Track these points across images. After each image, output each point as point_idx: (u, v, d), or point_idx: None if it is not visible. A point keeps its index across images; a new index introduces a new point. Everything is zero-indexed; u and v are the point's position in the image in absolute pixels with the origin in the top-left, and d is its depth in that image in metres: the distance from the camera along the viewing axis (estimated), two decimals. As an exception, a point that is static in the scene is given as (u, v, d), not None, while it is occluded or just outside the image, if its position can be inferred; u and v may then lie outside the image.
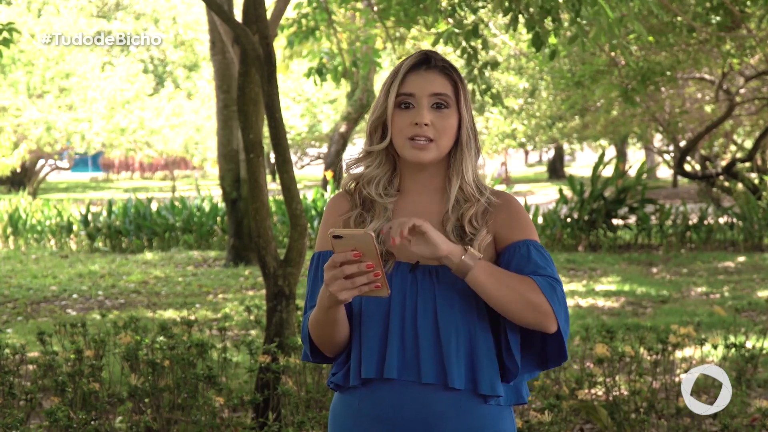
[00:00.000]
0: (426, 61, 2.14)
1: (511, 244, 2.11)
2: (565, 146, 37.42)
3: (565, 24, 6.23)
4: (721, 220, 14.92)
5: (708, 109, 18.58)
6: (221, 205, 15.06)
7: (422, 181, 2.16)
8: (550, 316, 2.02)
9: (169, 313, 8.80)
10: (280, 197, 14.80)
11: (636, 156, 42.32)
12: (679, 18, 9.40)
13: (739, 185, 17.77)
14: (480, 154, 2.19)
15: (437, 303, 2.07)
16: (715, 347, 4.98)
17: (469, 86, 6.95)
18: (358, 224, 2.15)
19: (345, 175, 2.22)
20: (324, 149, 34.62)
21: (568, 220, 14.38)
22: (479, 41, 6.77)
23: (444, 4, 6.75)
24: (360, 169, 2.20)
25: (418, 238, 2.00)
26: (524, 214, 2.16)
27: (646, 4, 5.47)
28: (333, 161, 21.08)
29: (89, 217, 15.59)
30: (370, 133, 2.18)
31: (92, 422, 4.07)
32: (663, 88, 15.04)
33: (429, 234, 1.99)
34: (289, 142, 28.49)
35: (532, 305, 2.01)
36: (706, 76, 15.87)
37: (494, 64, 7.17)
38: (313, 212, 14.90)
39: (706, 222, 14.37)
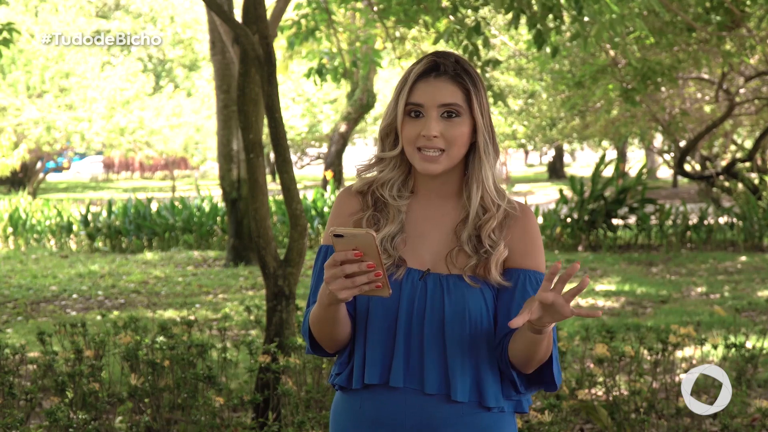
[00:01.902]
0: (435, 68, 2.08)
1: (521, 270, 2.09)
2: (565, 146, 37.42)
3: (567, 22, 6.23)
4: (721, 220, 14.91)
5: (708, 109, 18.58)
6: (221, 205, 15.06)
7: (436, 185, 2.13)
8: (534, 367, 2.06)
9: (169, 313, 8.80)
10: (280, 197, 14.79)
11: (636, 156, 42.32)
12: (679, 18, 9.40)
13: (739, 185, 17.77)
14: (499, 156, 2.14)
15: (446, 312, 2.05)
16: (715, 347, 4.98)
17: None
18: (370, 226, 2.12)
19: (357, 179, 2.19)
20: (324, 149, 34.63)
21: (568, 220, 14.38)
22: (480, 40, 6.77)
23: (445, 2, 6.76)
24: (372, 173, 2.17)
25: (549, 309, 1.91)
26: (538, 236, 2.13)
27: (647, 2, 5.47)
28: (333, 161, 21.10)
29: (89, 217, 15.59)
30: (381, 139, 2.14)
31: (92, 422, 4.07)
32: (663, 88, 15.04)
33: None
34: (289, 142, 28.50)
35: (542, 361, 2.05)
36: (706, 76, 15.87)
37: (495, 63, 7.17)
38: (313, 212, 14.90)
39: (706, 222, 14.36)
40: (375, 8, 8.04)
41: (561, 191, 15.18)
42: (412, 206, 2.14)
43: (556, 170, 39.22)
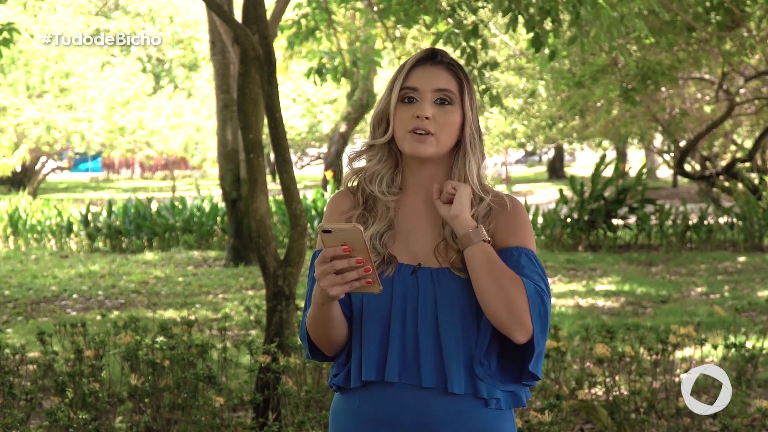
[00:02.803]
0: (432, 56, 2.14)
1: (506, 248, 2.09)
2: (565, 146, 37.40)
3: (565, 24, 6.22)
4: (721, 220, 14.91)
5: (708, 109, 18.58)
6: (221, 205, 15.06)
7: (424, 179, 2.15)
8: (524, 326, 1.99)
9: (169, 313, 8.80)
10: (280, 197, 14.79)
11: (636, 156, 42.31)
12: (679, 17, 9.39)
13: (739, 185, 17.76)
14: (485, 158, 2.17)
15: (438, 306, 2.06)
16: (715, 347, 4.98)
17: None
18: (359, 223, 2.13)
19: (347, 169, 2.21)
20: (324, 149, 34.64)
21: (568, 220, 14.38)
22: (479, 42, 6.77)
23: (444, 4, 6.75)
24: (362, 164, 2.19)
25: (446, 197, 2.08)
26: (525, 220, 2.14)
27: (646, 2, 5.47)
28: (333, 161, 21.09)
29: (89, 217, 15.59)
30: (373, 127, 2.17)
31: (92, 422, 4.08)
32: (663, 88, 15.04)
33: (456, 197, 2.06)
34: (289, 142, 28.48)
35: (510, 305, 1.98)
36: (706, 76, 15.87)
37: (494, 65, 7.16)
38: (313, 212, 14.90)
39: (706, 222, 14.36)
40: (375, 8, 8.04)
41: (561, 191, 15.18)
42: (401, 203, 2.16)
43: (556, 170, 39.21)
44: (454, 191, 2.08)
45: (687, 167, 20.01)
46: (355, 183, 2.19)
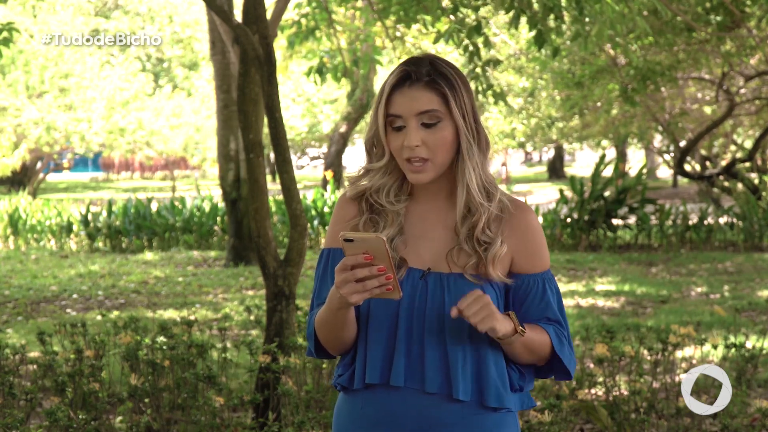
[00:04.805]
0: (407, 77, 2.05)
1: (528, 276, 2.10)
2: (565, 146, 37.40)
3: (568, 21, 6.22)
4: (721, 220, 14.91)
5: (708, 109, 18.58)
6: (221, 205, 15.05)
7: (432, 188, 2.12)
8: (541, 364, 2.15)
9: (169, 313, 8.80)
10: (280, 197, 14.79)
11: (636, 156, 42.30)
12: (679, 17, 9.40)
13: (739, 185, 17.77)
14: (489, 149, 2.11)
15: (446, 311, 2.04)
16: (715, 347, 4.98)
17: (471, 84, 6.91)
18: (368, 229, 2.11)
19: (348, 187, 2.17)
20: (324, 149, 34.63)
21: (568, 220, 14.38)
22: (481, 39, 6.76)
23: (446, 1, 6.75)
24: (364, 183, 2.14)
25: (482, 309, 1.98)
26: (541, 237, 2.12)
27: (649, 2, 5.47)
28: (333, 161, 21.11)
29: (89, 217, 15.58)
30: (368, 151, 2.14)
31: (92, 422, 4.07)
32: (663, 88, 15.04)
33: (492, 313, 1.99)
34: (289, 142, 28.47)
35: (540, 359, 2.12)
36: (706, 76, 15.87)
37: (496, 63, 7.15)
38: (313, 212, 14.90)
39: (706, 222, 14.36)
40: (375, 7, 8.04)
41: (561, 191, 15.17)
42: (411, 207, 2.13)
43: (556, 170, 39.22)
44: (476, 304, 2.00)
45: (687, 167, 20.01)
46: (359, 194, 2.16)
